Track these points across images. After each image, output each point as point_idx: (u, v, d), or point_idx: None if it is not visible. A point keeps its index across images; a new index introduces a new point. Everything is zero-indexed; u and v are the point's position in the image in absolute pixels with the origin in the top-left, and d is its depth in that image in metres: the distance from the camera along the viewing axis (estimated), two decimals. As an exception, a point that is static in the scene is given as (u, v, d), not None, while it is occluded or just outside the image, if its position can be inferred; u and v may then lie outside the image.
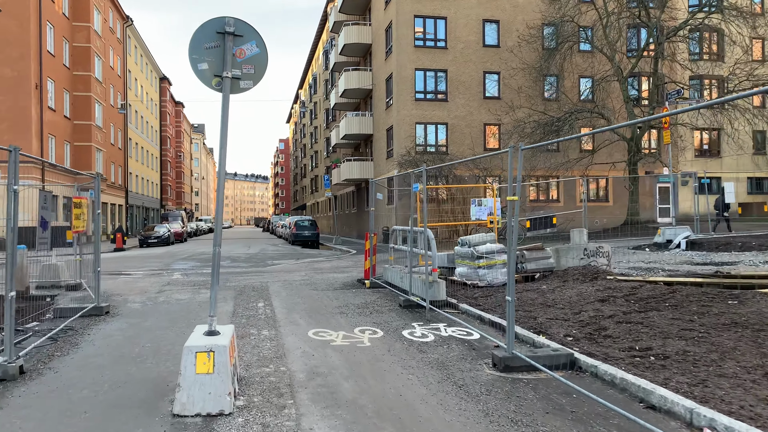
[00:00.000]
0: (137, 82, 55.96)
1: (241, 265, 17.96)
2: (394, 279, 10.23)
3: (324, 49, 55.05)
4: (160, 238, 35.82)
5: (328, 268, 15.58)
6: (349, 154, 40.91)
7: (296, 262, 18.95)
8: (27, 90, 28.75)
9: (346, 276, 13.20)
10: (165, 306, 9.05)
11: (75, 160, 35.31)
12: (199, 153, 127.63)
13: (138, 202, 56.55)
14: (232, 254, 24.19)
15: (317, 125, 65.06)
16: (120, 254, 26.17)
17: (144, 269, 16.75)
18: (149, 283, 12.31)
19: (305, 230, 34.56)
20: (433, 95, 30.22)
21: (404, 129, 29.54)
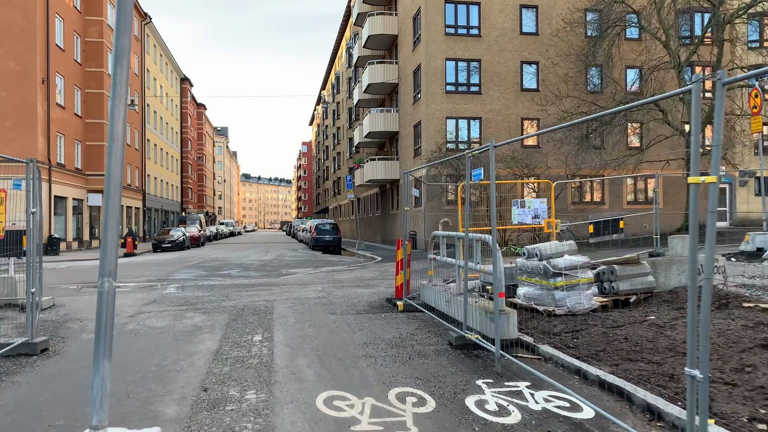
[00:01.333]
0: (156, 82, 54.51)
1: (251, 275, 15.65)
2: (436, 301, 7.74)
3: (347, 46, 52.88)
4: (174, 242, 33.89)
5: (350, 281, 13.14)
6: (373, 153, 38.53)
7: (314, 271, 16.57)
8: (32, 85, 27.03)
9: (371, 292, 10.72)
10: (127, 341, 6.67)
11: (87, 159, 33.62)
12: (222, 156, 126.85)
13: (156, 204, 55.03)
14: (246, 261, 21.95)
15: (340, 126, 62.92)
16: (126, 261, 24.16)
17: (139, 279, 14.54)
18: (131, 300, 10.02)
19: (326, 234, 32.29)
20: (466, 87, 27.65)
21: (434, 124, 27.03)
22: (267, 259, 23.44)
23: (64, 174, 30.37)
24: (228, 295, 10.64)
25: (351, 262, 20.79)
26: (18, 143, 26.86)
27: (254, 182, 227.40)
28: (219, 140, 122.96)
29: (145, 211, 49.56)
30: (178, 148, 67.96)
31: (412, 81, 29.63)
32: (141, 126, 47.71)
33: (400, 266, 9.05)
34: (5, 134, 26.76)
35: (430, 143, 26.83)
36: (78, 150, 32.83)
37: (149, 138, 50.94)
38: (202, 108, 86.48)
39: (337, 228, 33.09)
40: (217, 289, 11.66)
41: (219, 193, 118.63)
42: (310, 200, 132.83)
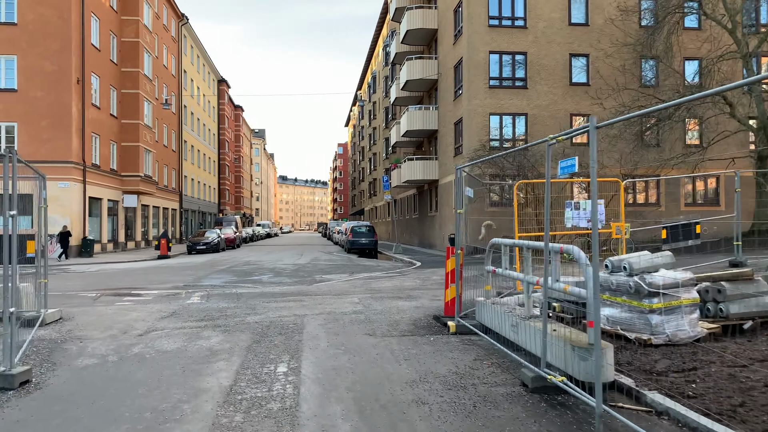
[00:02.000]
0: (193, 83, 54.56)
1: (283, 282, 14.58)
2: (498, 324, 6.39)
3: (384, 44, 51.79)
4: (209, 244, 33.34)
5: (390, 290, 11.88)
6: (411, 153, 37.23)
7: (349, 278, 15.38)
8: (68, 85, 26.79)
9: (414, 306, 9.43)
10: (127, 371, 5.51)
11: (122, 160, 33.39)
12: (260, 158, 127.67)
13: (194, 206, 55.06)
14: (278, 265, 20.96)
15: (376, 126, 61.88)
16: (157, 263, 23.52)
17: (164, 286, 13.63)
18: (147, 313, 9.00)
19: (362, 237, 31.17)
20: (510, 82, 26.08)
21: (476, 121, 25.56)
22: (301, 263, 22.42)
23: (99, 175, 30.12)
24: (255, 307, 9.51)
25: (389, 268, 19.54)
26: (53, 144, 26.64)
27: (291, 184, 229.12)
28: (256, 142, 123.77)
29: (181, 212, 49.51)
30: (216, 149, 68.12)
31: (452, 76, 28.23)
32: (178, 127, 47.65)
33: (451, 279, 7.74)
34: (40, 134, 26.57)
35: (472, 141, 25.37)
36: (113, 151, 32.61)
37: (186, 139, 50.92)
38: (240, 110, 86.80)
39: (373, 230, 31.93)
40: (244, 299, 10.57)
41: (256, 195, 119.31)
42: (345, 202, 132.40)
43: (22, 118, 26.45)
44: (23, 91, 26.49)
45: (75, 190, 27.18)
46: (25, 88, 26.51)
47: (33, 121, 26.51)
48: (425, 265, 19.13)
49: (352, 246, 30.86)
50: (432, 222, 32.81)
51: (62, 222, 26.58)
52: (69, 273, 18.56)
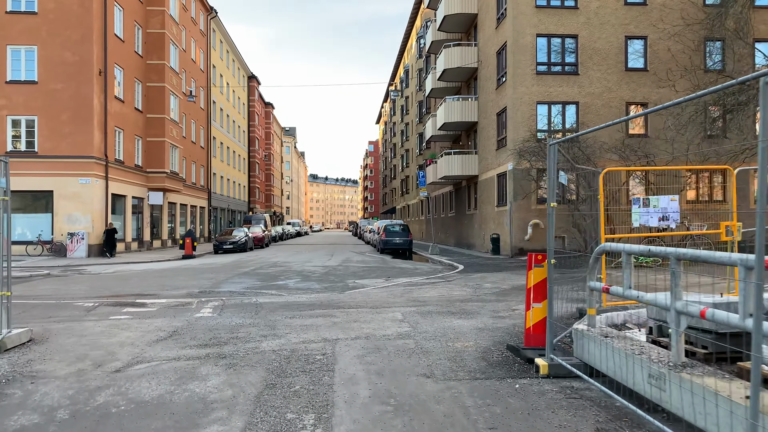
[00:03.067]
0: (222, 79, 53.48)
1: (311, 288, 12.77)
2: (623, 372, 4.36)
3: (417, 36, 49.77)
4: (236, 243, 31.90)
5: (437, 302, 9.92)
6: (447, 147, 35.10)
7: (386, 284, 13.48)
8: (89, 76, 25.59)
9: (476, 327, 7.44)
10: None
11: (147, 156, 32.21)
12: (291, 156, 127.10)
13: (223, 204, 54.03)
14: (307, 267, 19.20)
15: (408, 121, 59.89)
16: (179, 264, 22.04)
17: (177, 293, 11.96)
18: (143, 332, 7.24)
19: (395, 236, 29.27)
20: (560, 67, 23.78)
21: (522, 110, 23.34)
22: (331, 264, 20.62)
23: (123, 171, 28.93)
24: (274, 325, 7.67)
25: (428, 272, 17.56)
26: (73, 138, 25.48)
27: (321, 182, 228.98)
28: (287, 140, 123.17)
29: (210, 210, 48.44)
30: (246, 147, 67.16)
31: (495, 63, 26.04)
32: (206, 123, 46.55)
33: (535, 297, 5.73)
34: (61, 129, 25.44)
35: (517, 132, 23.18)
36: (138, 146, 31.44)
37: (215, 136, 49.84)
38: (270, 107, 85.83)
39: (407, 229, 30.00)
40: (263, 313, 8.77)
41: (287, 193, 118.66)
42: (376, 200, 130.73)
43: (42, 111, 25.36)
44: (43, 83, 25.40)
45: (97, 186, 25.97)
46: (45, 80, 25.41)
47: (53, 114, 25.40)
48: (469, 269, 17.08)
49: (386, 246, 29.00)
50: (470, 221, 30.68)
51: (83, 220, 25.41)
52: (82, 275, 17.15)
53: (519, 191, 23.22)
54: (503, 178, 24.97)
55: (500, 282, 12.85)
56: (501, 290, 11.27)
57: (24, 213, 25.96)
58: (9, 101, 25.19)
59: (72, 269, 19.72)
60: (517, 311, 8.51)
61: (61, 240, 25.27)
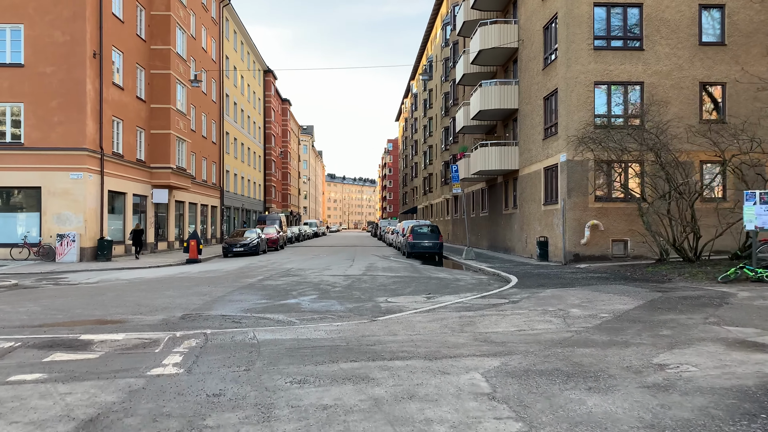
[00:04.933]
0: (237, 72, 50.67)
1: (331, 310, 9.59)
2: None
3: (443, 23, 46.43)
4: (247, 246, 28.93)
5: (522, 344, 6.63)
6: (481, 139, 31.70)
7: (429, 304, 10.24)
8: (81, 59, 22.74)
9: (638, 418, 4.12)
10: None
11: (151, 150, 29.35)
12: (308, 155, 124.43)
13: (237, 203, 51.23)
14: (326, 277, 16.00)
15: (432, 116, 56.52)
16: (177, 271, 19.01)
17: (150, 318, 8.85)
18: (32, 424, 4.06)
19: (424, 239, 25.98)
20: (621, 42, 20.29)
21: (577, 92, 19.90)
22: (354, 273, 17.40)
23: (122, 166, 26.07)
24: (273, 403, 4.45)
25: (475, 285, 14.25)
26: (64, 127, 22.64)
27: (339, 182, 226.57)
28: (304, 139, 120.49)
29: (223, 209, 45.63)
30: (261, 143, 64.38)
31: (541, 40, 22.61)
32: (219, 117, 43.73)
33: None
34: (50, 117, 22.61)
35: (571, 118, 19.75)
36: (141, 139, 28.58)
37: (228, 131, 47.03)
38: (287, 104, 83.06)
39: (437, 231, 26.70)
40: (260, 366, 5.58)
41: (304, 193, 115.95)
42: (395, 200, 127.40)
43: (30, 97, 22.56)
44: (31, 66, 22.59)
45: (91, 182, 23.10)
46: (33, 63, 22.60)
47: (42, 101, 22.59)
48: (527, 282, 13.73)
49: (413, 249, 25.74)
50: (508, 221, 27.26)
51: (74, 220, 22.55)
52: (58, 286, 14.16)
53: (574, 187, 19.78)
54: (552, 172, 21.54)
55: (589, 305, 9.49)
56: (605, 321, 7.93)
57: (9, 212, 23.20)
58: (-8, 86, 22.45)
59: (51, 277, 16.80)
60: (672, 369, 5.18)
61: (50, 242, 22.44)
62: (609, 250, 19.91)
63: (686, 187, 16.68)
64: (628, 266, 17.09)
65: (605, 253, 19.86)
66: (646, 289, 11.46)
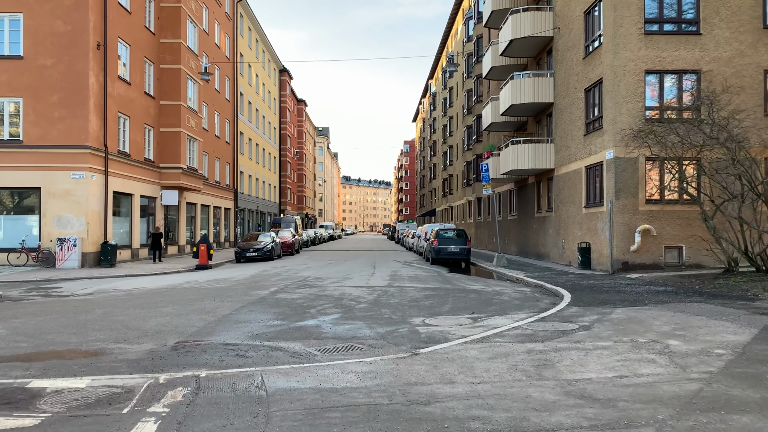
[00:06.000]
0: (251, 70, 49.15)
1: (359, 337, 7.73)
2: None
3: (466, 17, 44.43)
4: (261, 251, 27.23)
5: (637, 407, 4.73)
6: (510, 136, 29.65)
7: (479, 329, 8.34)
8: (84, 50, 21.18)
9: None
10: None
11: (160, 149, 27.77)
12: (323, 157, 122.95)
13: (251, 205, 49.67)
14: (348, 289, 14.13)
15: (452, 114, 54.51)
16: (182, 280, 17.27)
17: (133, 350, 7.07)
18: None
19: (450, 244, 24.07)
20: (675, 25, 18.19)
21: (626, 82, 17.83)
22: (378, 284, 15.50)
23: (129, 165, 24.48)
24: None
25: (520, 299, 12.28)
26: (65, 124, 21.08)
27: (354, 184, 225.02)
28: (320, 140, 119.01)
29: (236, 212, 44.05)
30: (276, 144, 62.83)
31: (581, 26, 20.57)
32: (232, 116, 42.18)
33: None
34: (51, 112, 21.07)
35: (619, 111, 17.69)
36: (149, 137, 27.00)
37: (242, 131, 45.48)
38: (303, 104, 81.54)
39: (464, 235, 24.74)
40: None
41: (319, 195, 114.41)
42: (412, 202, 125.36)
43: (29, 92, 21.05)
44: (30, 59, 21.08)
45: (94, 183, 21.51)
46: (32, 55, 21.09)
47: (42, 95, 21.06)
48: (585, 297, 11.72)
49: (438, 255, 23.83)
50: (541, 225, 25.18)
51: (76, 223, 20.97)
52: (48, 298, 12.47)
53: (623, 187, 17.70)
54: (596, 171, 19.48)
55: (687, 334, 7.49)
56: (729, 363, 5.94)
57: (6, 214, 21.70)
58: (-11, 80, 20.98)
59: (44, 287, 15.15)
60: None
61: (50, 247, 20.88)
62: (661, 258, 17.80)
63: (766, 186, 14.54)
64: (690, 277, 14.97)
65: (657, 261, 17.75)
66: (742, 309, 9.41)
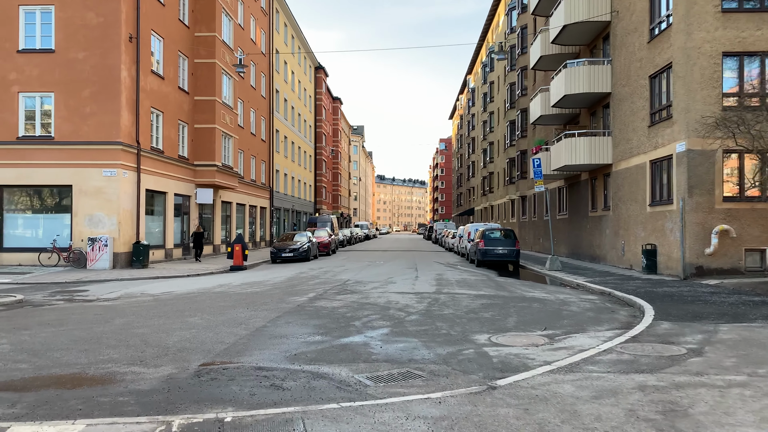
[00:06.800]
0: (287, 67, 48.36)
1: (416, 360, 6.37)
2: None
3: (508, 7, 42.57)
4: (297, 251, 26.17)
5: None
6: (560, 130, 27.81)
7: (562, 352, 6.88)
8: (116, 42, 20.43)
9: None
10: None
11: (194, 146, 27.01)
12: (358, 156, 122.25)
13: (287, 204, 48.90)
14: (393, 296, 12.77)
15: (493, 110, 52.61)
16: (215, 283, 16.21)
17: (150, 376, 5.87)
18: None
19: (498, 245, 22.51)
20: (756, 1, 16.22)
21: (701, 65, 15.95)
22: (425, 290, 14.09)
23: (162, 162, 23.73)
24: None
25: (592, 310, 10.69)
26: (97, 119, 20.37)
27: (388, 183, 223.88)
28: (355, 139, 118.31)
29: (272, 211, 43.29)
30: (312, 143, 62.04)
31: (646, 7, 18.69)
32: (268, 114, 41.40)
33: None
34: (82, 108, 20.39)
35: (692, 98, 15.83)
36: (183, 133, 26.24)
37: (278, 128, 44.70)
38: (338, 102, 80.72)
39: (512, 236, 23.11)
40: None
41: (354, 194, 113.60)
42: (448, 201, 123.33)
43: (60, 86, 20.41)
44: (62, 52, 20.45)
45: (126, 180, 20.76)
46: (64, 48, 20.45)
47: (73, 90, 20.40)
48: (664, 307, 10.05)
49: (484, 257, 22.29)
50: (597, 225, 23.33)
51: (107, 222, 20.24)
52: (72, 303, 11.53)
53: (696, 184, 15.84)
54: (663, 166, 17.63)
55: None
56: None
57: (38, 213, 21.16)
58: (21, 75, 20.41)
59: (70, 290, 14.31)
60: None
61: (81, 247, 20.20)
62: (741, 262, 15.88)
63: None
64: (784, 285, 13.07)
65: (736, 266, 15.84)
66: None
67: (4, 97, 20.34)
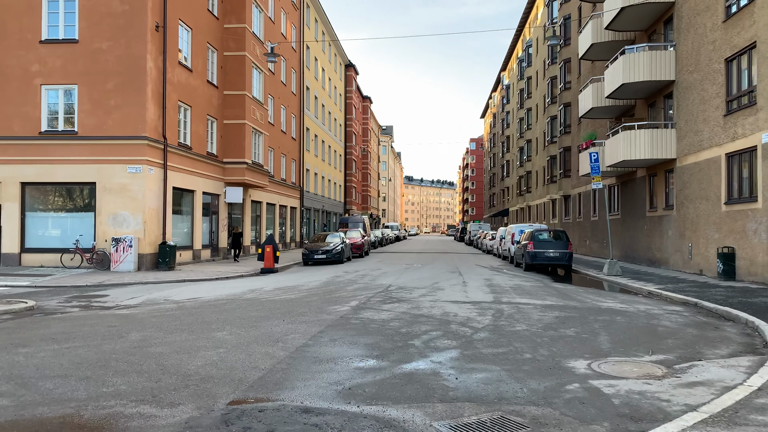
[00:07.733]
0: (318, 63, 47.15)
1: (507, 396, 4.76)
2: None
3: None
4: (330, 252, 24.77)
5: None
6: (614, 124, 25.77)
7: (699, 390, 5.24)
8: (141, 31, 19.32)
9: None
10: None
11: (223, 143, 25.85)
12: (387, 156, 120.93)
13: (317, 204, 47.67)
14: (446, 304, 11.14)
15: (530, 106, 50.53)
16: (246, 288, 14.82)
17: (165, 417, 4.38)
18: None
19: (549, 247, 20.73)
20: None
21: (796, 43, 13.93)
22: (481, 298, 12.43)
23: (189, 159, 22.58)
24: None
25: (689, 325, 8.90)
26: (121, 113, 19.26)
27: (416, 184, 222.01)
28: (384, 139, 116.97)
29: (302, 211, 42.08)
30: (342, 142, 60.81)
31: (721, -19, 16.70)
32: (299, 111, 40.20)
33: None
34: (106, 100, 19.31)
35: (786, 80, 13.83)
36: (212, 129, 25.09)
37: (308, 126, 43.48)
38: (368, 101, 79.37)
39: (564, 238, 21.25)
40: None
41: (383, 195, 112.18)
42: (479, 202, 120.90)
43: (84, 78, 19.38)
44: (85, 42, 19.41)
45: (151, 177, 19.60)
46: (88, 38, 19.42)
47: (97, 82, 19.35)
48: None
49: (534, 261, 20.51)
50: (656, 226, 21.31)
51: (132, 221, 19.10)
52: (87, 310, 10.25)
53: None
54: (743, 159, 15.62)
55: None
56: None
57: (60, 212, 20.16)
58: (44, 66, 19.44)
59: (88, 294, 13.10)
60: None
61: (104, 247, 19.11)
62: (841, 269, 13.81)
63: None
64: None
65: (836, 273, 13.77)
66: None
67: (27, 90, 19.40)
